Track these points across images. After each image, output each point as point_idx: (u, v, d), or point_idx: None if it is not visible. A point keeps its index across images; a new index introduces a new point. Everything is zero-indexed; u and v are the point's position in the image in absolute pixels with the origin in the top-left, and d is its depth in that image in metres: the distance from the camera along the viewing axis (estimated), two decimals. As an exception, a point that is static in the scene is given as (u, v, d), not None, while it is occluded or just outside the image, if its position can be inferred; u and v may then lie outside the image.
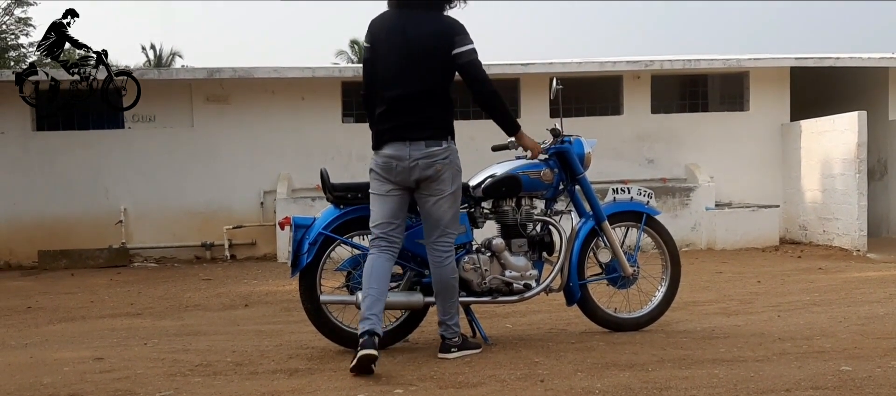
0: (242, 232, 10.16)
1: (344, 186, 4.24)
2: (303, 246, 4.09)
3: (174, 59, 34.00)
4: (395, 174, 3.82)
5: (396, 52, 3.79)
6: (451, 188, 3.92)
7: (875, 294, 5.93)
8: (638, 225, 4.62)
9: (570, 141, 4.47)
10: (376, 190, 3.87)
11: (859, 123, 8.88)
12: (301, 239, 4.11)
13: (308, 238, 4.10)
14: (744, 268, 7.85)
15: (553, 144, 4.44)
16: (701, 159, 10.52)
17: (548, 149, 4.44)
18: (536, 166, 4.39)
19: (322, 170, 4.30)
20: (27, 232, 9.96)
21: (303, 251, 4.08)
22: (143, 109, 9.75)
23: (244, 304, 6.37)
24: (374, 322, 3.69)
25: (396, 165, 3.80)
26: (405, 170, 3.81)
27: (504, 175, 4.34)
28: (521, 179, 4.33)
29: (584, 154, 4.49)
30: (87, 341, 4.82)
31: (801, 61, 10.53)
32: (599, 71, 10.56)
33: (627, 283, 4.58)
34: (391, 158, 3.80)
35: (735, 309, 5.49)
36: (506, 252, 4.29)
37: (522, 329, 4.82)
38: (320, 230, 4.11)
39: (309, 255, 4.07)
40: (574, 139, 4.49)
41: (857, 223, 8.94)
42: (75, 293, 7.32)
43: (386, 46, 3.82)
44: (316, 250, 4.09)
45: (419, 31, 3.79)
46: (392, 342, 4.24)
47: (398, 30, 3.80)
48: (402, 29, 3.80)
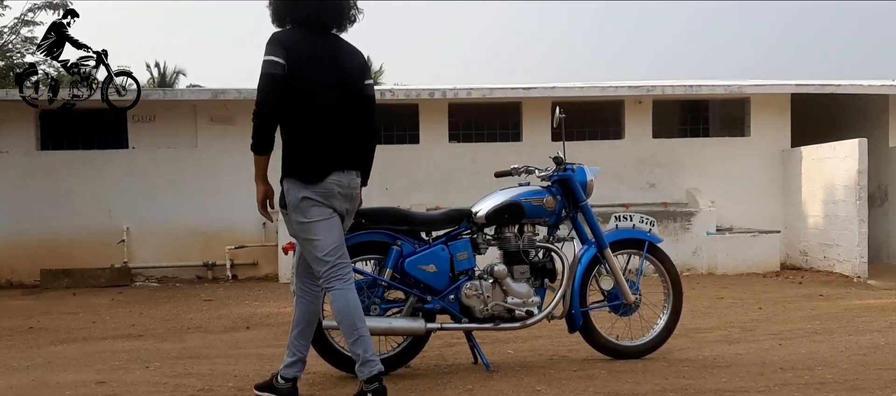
0: (244, 252, 10.17)
1: None
2: None
3: (178, 77, 34.14)
4: (337, 200, 3.64)
5: (329, 80, 3.62)
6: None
7: (876, 322, 5.93)
8: (640, 252, 4.64)
9: (573, 168, 4.51)
10: (321, 216, 3.61)
11: (860, 150, 8.92)
12: None
13: None
14: (745, 294, 7.85)
15: (556, 172, 4.48)
16: (702, 184, 10.55)
17: (551, 176, 4.48)
18: (539, 193, 4.42)
19: None
20: (29, 250, 9.98)
21: None
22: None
23: (246, 326, 6.38)
24: (378, 361, 3.58)
25: (338, 192, 3.64)
26: (345, 198, 3.69)
27: (507, 201, 4.37)
28: (524, 206, 4.36)
29: (586, 181, 4.53)
30: (90, 364, 4.83)
31: (801, 88, 10.58)
32: (601, 95, 10.62)
33: (629, 311, 4.60)
34: (334, 184, 3.62)
35: (736, 336, 5.49)
36: (508, 278, 4.31)
37: (524, 355, 4.83)
38: None
39: None
40: (577, 167, 4.52)
41: (857, 249, 8.95)
42: (77, 313, 7.32)
43: (313, 72, 3.59)
44: None
45: (351, 63, 3.72)
46: (393, 368, 4.25)
47: (328, 58, 3.63)
48: (332, 57, 3.65)
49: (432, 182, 10.43)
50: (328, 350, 4.21)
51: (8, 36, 14.23)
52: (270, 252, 10.02)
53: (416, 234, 4.30)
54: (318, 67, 3.60)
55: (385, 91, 10.95)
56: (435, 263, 4.20)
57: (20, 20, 13.97)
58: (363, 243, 4.22)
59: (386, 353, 4.30)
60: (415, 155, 10.59)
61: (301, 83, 3.56)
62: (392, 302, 4.27)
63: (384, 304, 4.21)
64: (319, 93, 3.60)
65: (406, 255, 4.19)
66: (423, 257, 4.19)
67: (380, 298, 4.20)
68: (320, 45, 3.64)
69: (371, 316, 4.11)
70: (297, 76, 3.55)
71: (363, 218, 4.20)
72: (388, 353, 4.30)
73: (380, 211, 4.28)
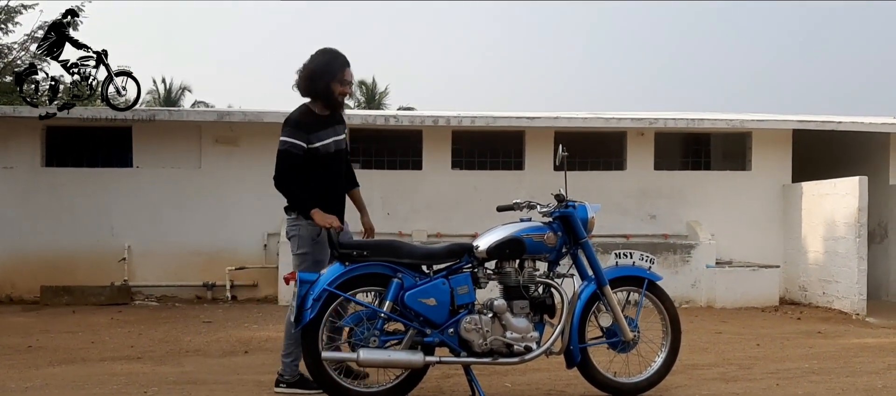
0: (245, 273, 10.19)
1: (350, 244, 4.30)
2: (307, 301, 4.15)
3: (184, 93, 34.33)
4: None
5: None
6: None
7: (874, 364, 5.94)
8: (639, 289, 4.67)
9: (575, 205, 4.54)
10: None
11: (860, 188, 8.95)
12: (305, 294, 4.16)
13: (312, 293, 4.15)
14: (743, 329, 7.85)
15: (558, 208, 4.52)
16: (703, 217, 10.58)
17: (552, 212, 4.52)
18: (541, 229, 4.46)
19: (329, 229, 4.35)
20: (31, 266, 10.00)
21: (306, 307, 4.14)
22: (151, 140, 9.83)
23: (244, 350, 6.39)
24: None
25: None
26: None
27: (509, 237, 4.40)
28: (526, 242, 4.40)
29: (587, 218, 4.57)
30: (87, 387, 4.85)
31: (803, 124, 10.64)
32: (604, 126, 10.68)
33: (628, 348, 4.62)
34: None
35: (734, 374, 5.50)
36: (508, 313, 4.34)
37: (521, 388, 4.84)
38: (325, 286, 4.17)
39: (312, 311, 4.13)
40: (578, 204, 4.56)
41: (856, 286, 8.95)
42: (76, 332, 7.34)
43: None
44: (319, 306, 4.14)
45: None
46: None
47: None
48: None
49: (434, 208, 10.46)
50: (327, 381, 4.22)
51: (18, 52, 14.34)
52: (271, 274, 10.04)
53: (417, 267, 4.33)
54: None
55: (389, 117, 11.04)
56: (435, 296, 4.23)
57: (29, 37, 14.09)
58: (364, 275, 4.26)
59: (384, 385, 4.32)
60: (417, 181, 10.63)
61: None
62: (391, 334, 4.29)
63: (383, 336, 4.23)
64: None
65: (407, 288, 4.22)
66: (423, 290, 4.22)
67: (379, 330, 4.22)
68: None
69: (370, 349, 4.14)
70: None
71: (365, 251, 4.24)
72: (387, 385, 4.32)
73: (381, 244, 4.32)
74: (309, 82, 4.55)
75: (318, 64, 4.54)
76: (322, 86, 4.53)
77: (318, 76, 4.53)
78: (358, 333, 4.23)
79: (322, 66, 4.54)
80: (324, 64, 4.54)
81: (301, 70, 4.59)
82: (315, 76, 4.53)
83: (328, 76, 4.52)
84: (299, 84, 4.60)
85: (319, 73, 4.53)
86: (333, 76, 4.53)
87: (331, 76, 4.53)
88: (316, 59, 4.57)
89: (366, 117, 11.01)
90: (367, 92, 35.36)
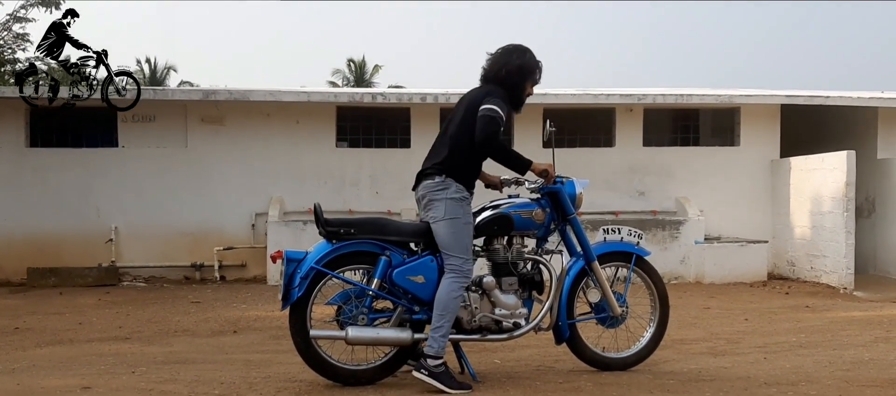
0: (233, 253, 10.14)
1: (337, 221, 4.26)
2: (294, 279, 4.12)
3: (169, 72, 34.04)
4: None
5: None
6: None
7: (861, 337, 5.98)
8: (627, 265, 4.67)
9: (563, 181, 4.51)
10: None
11: (848, 162, 8.98)
12: (292, 272, 4.13)
13: (300, 272, 4.13)
14: (732, 304, 7.89)
15: (545, 184, 4.49)
16: (691, 193, 10.59)
17: (540, 188, 4.49)
18: (529, 206, 4.44)
19: (315, 204, 4.33)
20: (17, 248, 9.92)
21: (294, 285, 4.11)
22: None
23: (233, 330, 6.37)
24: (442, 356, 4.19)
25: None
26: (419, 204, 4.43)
27: (496, 213, 4.38)
28: (514, 218, 4.38)
29: (575, 194, 4.54)
30: (75, 367, 4.82)
31: (791, 99, 10.64)
32: (593, 103, 10.65)
33: (616, 323, 4.62)
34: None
35: (722, 348, 5.52)
36: (496, 290, 4.33)
37: (510, 365, 4.84)
38: (312, 264, 4.14)
39: (300, 289, 4.10)
40: (566, 180, 4.54)
41: (844, 261, 9.00)
42: (64, 313, 7.29)
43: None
44: (307, 284, 4.12)
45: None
46: (380, 377, 4.27)
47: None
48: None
49: (423, 186, 10.40)
50: (317, 360, 4.21)
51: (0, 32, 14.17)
52: (259, 254, 10.00)
53: (405, 245, 4.31)
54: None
55: (377, 94, 10.97)
56: (423, 274, 4.20)
57: (12, 17, 13.90)
58: (352, 253, 4.23)
59: (373, 362, 4.31)
60: (406, 158, 10.55)
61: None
62: (380, 312, 4.27)
63: (372, 314, 4.22)
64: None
65: (395, 266, 4.20)
66: (411, 268, 4.20)
67: (368, 308, 4.20)
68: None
69: (358, 327, 4.12)
70: None
71: (352, 228, 4.21)
72: (375, 362, 4.31)
73: (368, 222, 4.29)
74: (518, 74, 4.35)
75: (529, 61, 4.38)
76: (522, 80, 4.38)
77: (525, 71, 4.37)
78: (346, 311, 4.21)
79: (531, 66, 4.39)
80: (532, 65, 4.39)
81: (503, 59, 4.38)
82: (523, 72, 4.36)
83: (530, 76, 4.40)
84: (499, 71, 4.35)
85: (527, 71, 4.38)
86: (534, 79, 4.42)
87: (532, 77, 4.41)
88: (524, 55, 4.39)
89: (353, 95, 10.95)
90: (356, 70, 35.15)
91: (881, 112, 10.68)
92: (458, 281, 4.14)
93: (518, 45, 4.45)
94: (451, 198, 4.19)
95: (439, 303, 4.12)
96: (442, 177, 4.22)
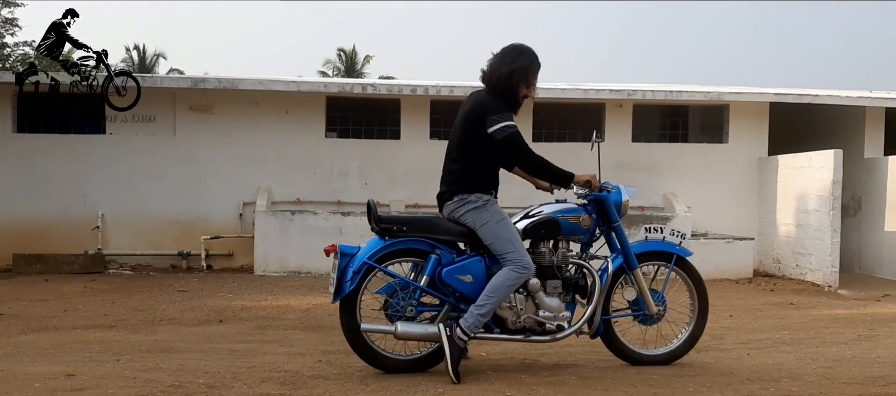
0: (220, 242, 10.12)
1: (390, 218, 4.34)
2: (346, 273, 4.20)
3: (158, 60, 33.82)
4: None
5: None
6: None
7: (844, 334, 6.03)
8: (668, 264, 4.70)
9: (610, 190, 4.56)
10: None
11: (835, 161, 9.04)
12: (345, 266, 4.20)
13: (352, 266, 4.20)
14: (717, 300, 7.89)
15: (593, 192, 4.52)
16: (679, 189, 10.64)
17: (587, 195, 4.53)
18: (576, 211, 4.51)
19: (369, 200, 4.40)
20: (2, 234, 9.86)
21: (346, 278, 4.20)
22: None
23: (219, 320, 6.35)
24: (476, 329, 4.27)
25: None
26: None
27: (545, 217, 4.45)
28: (561, 223, 4.46)
29: (621, 202, 4.59)
30: (59, 354, 4.80)
31: (780, 97, 10.70)
32: (583, 98, 10.66)
33: (652, 321, 4.68)
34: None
35: (706, 344, 5.53)
36: (541, 292, 4.38)
37: (496, 358, 4.86)
38: (365, 259, 4.20)
39: (352, 283, 4.19)
40: (614, 188, 4.58)
41: (829, 259, 9.07)
42: (49, 300, 7.26)
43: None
44: (359, 278, 4.20)
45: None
46: (427, 367, 4.37)
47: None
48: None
49: (412, 178, 10.41)
50: (368, 352, 4.30)
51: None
52: (246, 243, 9.98)
53: (454, 244, 4.37)
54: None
55: (367, 85, 10.94)
56: (472, 274, 4.27)
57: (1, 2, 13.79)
58: (404, 250, 4.31)
59: (418, 353, 4.40)
60: (395, 150, 10.58)
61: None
62: (426, 306, 4.35)
63: (420, 307, 4.30)
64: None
65: (444, 264, 4.26)
66: (460, 267, 4.27)
67: (417, 301, 4.28)
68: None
69: (408, 322, 4.23)
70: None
71: (404, 226, 4.27)
72: (419, 354, 4.40)
73: (419, 220, 4.40)
74: (507, 81, 4.31)
75: (521, 66, 4.34)
76: (514, 86, 4.35)
77: (516, 77, 4.34)
78: (393, 304, 4.27)
79: (523, 70, 4.35)
80: (525, 68, 4.35)
81: (496, 64, 4.35)
82: (514, 76, 4.33)
83: (523, 80, 4.36)
84: (491, 77, 4.35)
85: (519, 76, 4.35)
86: (528, 81, 4.39)
87: (526, 80, 4.38)
88: (518, 59, 4.35)
89: (343, 85, 10.91)
90: (347, 60, 35.04)
91: (868, 111, 10.75)
92: (515, 270, 4.20)
93: (515, 46, 4.42)
94: (472, 209, 4.28)
95: (492, 285, 4.19)
96: (458, 196, 4.31)
